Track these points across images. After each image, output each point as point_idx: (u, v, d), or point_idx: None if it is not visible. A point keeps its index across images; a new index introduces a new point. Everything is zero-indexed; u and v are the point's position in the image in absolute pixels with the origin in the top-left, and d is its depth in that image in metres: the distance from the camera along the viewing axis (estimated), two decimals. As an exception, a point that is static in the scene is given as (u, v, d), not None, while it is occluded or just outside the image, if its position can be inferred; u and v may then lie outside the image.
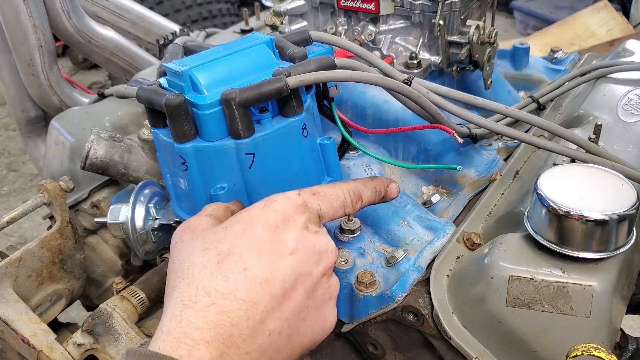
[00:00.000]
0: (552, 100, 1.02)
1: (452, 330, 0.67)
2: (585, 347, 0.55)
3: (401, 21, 0.98)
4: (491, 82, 1.03)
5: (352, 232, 0.78)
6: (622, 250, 0.62)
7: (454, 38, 0.94)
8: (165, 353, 0.44)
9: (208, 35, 1.45)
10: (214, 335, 0.45)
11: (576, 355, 0.55)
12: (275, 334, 0.49)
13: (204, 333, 0.45)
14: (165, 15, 1.74)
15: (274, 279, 0.49)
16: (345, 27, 1.03)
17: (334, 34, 1.03)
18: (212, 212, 0.59)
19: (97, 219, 0.99)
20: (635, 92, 0.90)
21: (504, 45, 1.24)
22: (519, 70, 1.19)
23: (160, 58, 1.42)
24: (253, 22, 1.48)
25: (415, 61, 0.95)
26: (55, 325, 1.04)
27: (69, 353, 0.82)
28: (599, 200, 0.61)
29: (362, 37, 1.01)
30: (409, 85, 0.74)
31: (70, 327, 1.04)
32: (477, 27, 0.93)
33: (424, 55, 0.98)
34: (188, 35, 1.42)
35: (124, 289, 0.86)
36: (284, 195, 0.55)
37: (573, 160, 0.76)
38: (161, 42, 1.42)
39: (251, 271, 0.49)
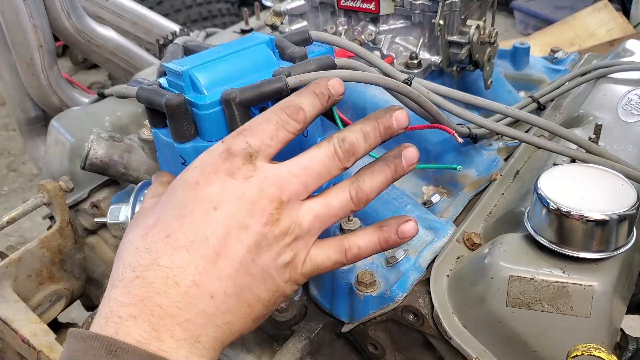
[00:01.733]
0: (552, 100, 1.02)
1: (452, 330, 0.67)
2: (585, 347, 0.55)
3: (401, 21, 0.98)
4: (491, 82, 1.03)
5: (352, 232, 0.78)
6: (623, 250, 0.62)
7: (454, 38, 0.94)
8: (96, 332, 0.43)
9: (208, 35, 1.44)
10: (140, 309, 0.43)
11: (576, 356, 0.55)
12: (219, 296, 0.46)
13: (130, 309, 0.43)
14: (165, 15, 1.73)
15: (199, 240, 0.46)
16: (346, 27, 1.03)
17: (334, 33, 1.03)
18: (155, 192, 0.57)
19: (97, 219, 0.99)
20: (636, 92, 0.90)
21: (504, 45, 1.24)
22: (519, 70, 1.19)
23: (160, 58, 1.42)
24: (253, 22, 1.48)
25: (415, 61, 0.95)
26: (55, 325, 1.05)
27: (68, 353, 0.81)
28: (599, 200, 0.61)
29: (362, 37, 1.01)
30: (409, 85, 0.74)
31: (70, 327, 1.04)
32: (477, 27, 0.93)
33: (424, 55, 0.98)
34: (188, 35, 1.42)
35: (124, 289, 0.86)
36: (207, 150, 0.51)
37: (573, 160, 0.76)
38: (161, 42, 1.42)
39: (173, 236, 0.46)
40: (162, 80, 0.68)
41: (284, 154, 0.58)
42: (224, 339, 0.47)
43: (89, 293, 1.14)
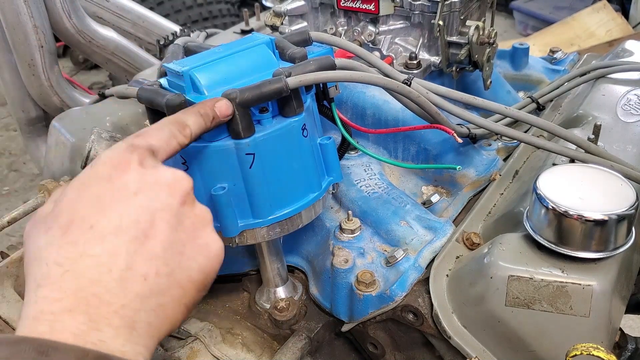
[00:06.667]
0: (551, 101, 1.03)
1: (452, 329, 0.68)
2: (584, 346, 0.56)
3: (401, 22, 0.99)
4: (490, 82, 1.03)
5: (352, 231, 0.78)
6: (622, 250, 0.62)
7: (454, 38, 0.94)
8: (25, 334, 0.41)
9: (208, 36, 1.45)
10: (75, 301, 0.42)
11: (575, 355, 0.56)
12: (151, 276, 0.46)
13: (63, 303, 0.42)
14: (166, 16, 1.74)
15: (126, 224, 0.47)
16: (345, 27, 1.04)
17: (334, 34, 1.03)
18: (56, 197, 0.55)
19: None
20: (635, 92, 0.90)
21: (504, 45, 1.24)
22: (519, 71, 1.19)
23: (160, 58, 1.42)
24: (253, 22, 1.49)
25: (414, 61, 0.95)
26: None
27: (69, 353, 0.82)
28: (598, 200, 0.61)
29: (362, 37, 1.01)
30: (409, 85, 0.75)
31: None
32: (477, 27, 0.94)
33: (424, 55, 0.98)
34: (188, 35, 1.42)
35: (124, 288, 0.86)
36: (109, 148, 0.52)
37: (572, 160, 0.76)
38: (161, 42, 1.43)
39: (98, 225, 0.46)
40: (163, 81, 0.68)
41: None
42: (158, 324, 0.47)
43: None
